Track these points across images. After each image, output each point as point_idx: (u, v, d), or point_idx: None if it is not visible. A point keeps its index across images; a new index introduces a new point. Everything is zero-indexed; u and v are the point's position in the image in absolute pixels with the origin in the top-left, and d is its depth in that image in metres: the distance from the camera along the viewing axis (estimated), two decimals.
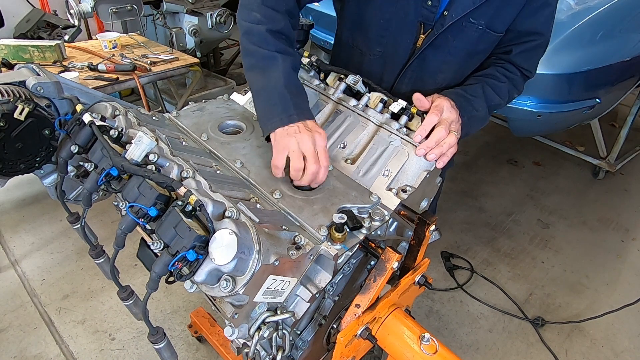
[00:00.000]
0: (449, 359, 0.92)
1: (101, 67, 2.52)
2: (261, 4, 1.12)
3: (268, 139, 1.07)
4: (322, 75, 1.33)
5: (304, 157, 1.00)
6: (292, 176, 1.03)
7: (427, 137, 1.08)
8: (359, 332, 0.94)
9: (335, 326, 1.05)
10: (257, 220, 0.83)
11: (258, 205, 0.92)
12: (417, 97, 1.13)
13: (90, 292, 2.37)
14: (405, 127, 1.14)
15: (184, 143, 1.11)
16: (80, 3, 2.88)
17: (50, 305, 2.29)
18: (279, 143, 1.02)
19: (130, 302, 1.02)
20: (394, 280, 1.04)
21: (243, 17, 1.14)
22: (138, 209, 0.79)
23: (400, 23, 1.26)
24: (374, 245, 0.97)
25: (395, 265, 0.93)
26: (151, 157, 0.89)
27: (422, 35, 1.25)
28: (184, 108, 1.33)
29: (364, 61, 1.38)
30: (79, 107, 0.98)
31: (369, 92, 1.22)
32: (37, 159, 1.03)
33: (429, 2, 1.20)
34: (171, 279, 0.75)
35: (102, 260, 1.11)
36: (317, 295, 0.91)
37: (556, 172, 3.63)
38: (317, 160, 1.00)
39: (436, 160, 1.08)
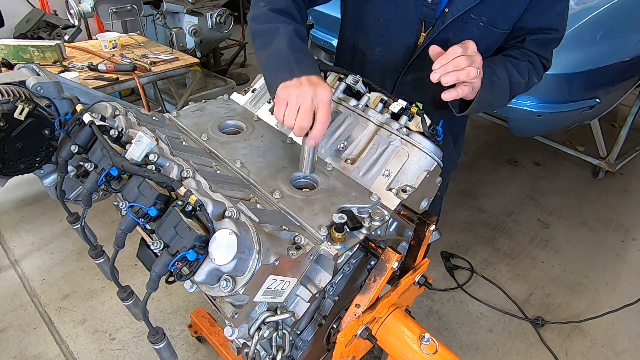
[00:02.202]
0: (449, 359, 0.92)
1: (101, 67, 2.52)
2: None
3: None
4: (322, 75, 1.33)
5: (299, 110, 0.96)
6: (288, 128, 0.99)
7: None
8: (359, 332, 0.94)
9: (335, 326, 1.05)
10: (257, 220, 0.83)
11: (258, 205, 0.93)
12: (433, 47, 1.08)
13: (90, 292, 2.37)
14: (405, 127, 1.14)
15: (184, 143, 1.11)
16: (80, 3, 2.89)
17: (50, 305, 2.29)
18: (278, 96, 0.99)
19: (130, 302, 1.02)
20: (394, 280, 1.04)
21: (251, 11, 1.19)
22: (138, 209, 0.79)
23: (401, 22, 1.25)
24: (374, 245, 0.97)
25: (395, 265, 0.93)
26: (151, 157, 0.89)
27: (423, 34, 1.25)
28: (184, 108, 1.33)
29: (365, 61, 1.38)
30: (79, 107, 0.98)
31: (369, 92, 1.22)
32: (37, 159, 1.03)
33: (429, 0, 1.20)
34: (171, 279, 0.75)
35: (102, 260, 1.11)
36: (317, 295, 0.91)
37: (556, 172, 3.63)
38: (308, 115, 0.95)
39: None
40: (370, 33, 1.33)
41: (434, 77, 1.02)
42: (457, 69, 1.02)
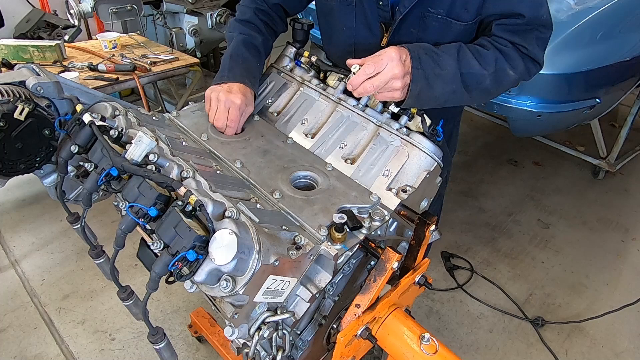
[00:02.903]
0: (449, 359, 0.92)
1: (101, 67, 2.52)
2: (239, 5, 1.42)
3: None
4: (322, 75, 1.33)
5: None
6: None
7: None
8: (359, 332, 0.94)
9: (335, 326, 1.05)
10: (257, 220, 0.83)
11: (258, 205, 0.93)
12: (349, 62, 1.10)
13: (90, 292, 2.37)
14: (405, 127, 1.14)
15: (184, 143, 1.11)
16: (80, 3, 2.89)
17: (50, 305, 2.29)
18: (205, 95, 1.25)
19: (130, 302, 1.02)
20: (394, 280, 1.04)
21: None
22: (138, 209, 0.79)
23: (364, 27, 1.28)
24: (374, 245, 0.97)
25: (395, 265, 0.93)
26: (151, 157, 0.89)
27: (385, 34, 1.26)
28: (184, 108, 1.33)
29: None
30: (79, 107, 0.98)
31: None
32: (37, 159, 1.03)
33: (380, 2, 1.21)
34: (171, 279, 0.75)
35: (102, 260, 1.11)
36: (317, 295, 0.91)
37: (556, 172, 3.63)
38: (223, 116, 1.20)
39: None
40: (339, 43, 1.38)
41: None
42: (364, 94, 1.10)
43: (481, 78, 1.13)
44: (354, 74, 1.07)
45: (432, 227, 1.01)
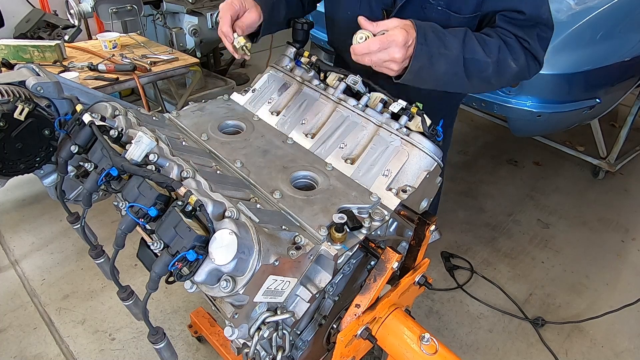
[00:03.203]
0: (449, 359, 0.92)
1: (101, 67, 2.52)
2: None
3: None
4: (322, 75, 1.33)
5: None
6: None
7: None
8: (359, 332, 0.94)
9: (335, 326, 1.05)
10: (257, 220, 0.83)
11: (258, 205, 0.93)
12: (361, 20, 1.09)
13: (90, 292, 2.37)
14: (405, 127, 1.14)
15: (184, 143, 1.11)
16: (80, 3, 2.89)
17: (50, 305, 2.29)
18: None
19: (130, 302, 1.02)
20: (394, 280, 1.04)
21: None
22: (138, 209, 0.79)
23: (367, 14, 1.27)
24: (374, 245, 0.97)
25: (395, 265, 0.93)
26: (151, 157, 0.89)
27: None
28: (184, 108, 1.33)
29: (343, 58, 1.42)
30: (79, 107, 0.98)
31: (369, 92, 1.22)
32: (37, 159, 1.03)
33: None
34: (171, 279, 0.75)
35: (102, 260, 1.11)
36: (317, 295, 0.91)
37: (556, 172, 3.63)
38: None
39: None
40: (342, 29, 1.38)
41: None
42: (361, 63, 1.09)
43: (484, 65, 1.14)
44: (358, 42, 1.06)
45: (432, 227, 1.01)
